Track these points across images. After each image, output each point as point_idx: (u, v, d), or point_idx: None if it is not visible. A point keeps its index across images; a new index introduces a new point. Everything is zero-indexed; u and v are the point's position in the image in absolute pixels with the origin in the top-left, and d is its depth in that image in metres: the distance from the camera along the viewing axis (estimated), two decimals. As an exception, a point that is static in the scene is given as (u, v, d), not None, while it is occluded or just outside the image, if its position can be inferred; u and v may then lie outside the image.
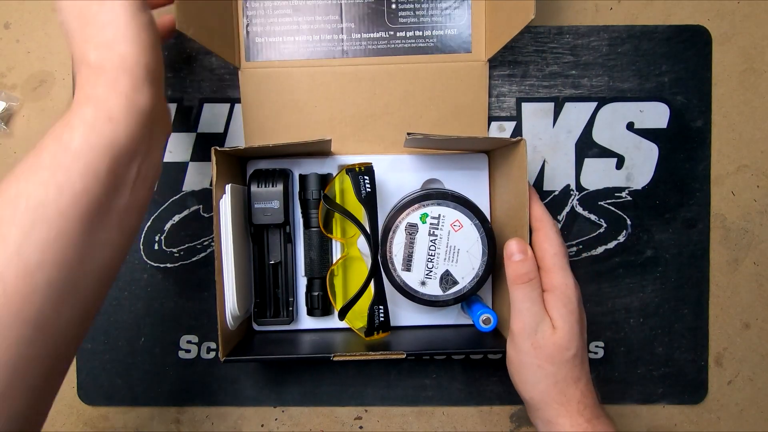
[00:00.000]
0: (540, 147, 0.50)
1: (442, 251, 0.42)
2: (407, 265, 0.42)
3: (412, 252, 0.42)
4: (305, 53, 0.49)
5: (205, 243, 0.50)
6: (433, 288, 0.43)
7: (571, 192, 0.50)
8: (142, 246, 0.50)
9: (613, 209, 0.50)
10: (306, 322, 0.48)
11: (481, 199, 0.48)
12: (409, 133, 0.39)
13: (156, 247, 0.50)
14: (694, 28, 0.50)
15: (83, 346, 0.50)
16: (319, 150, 0.46)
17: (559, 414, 0.39)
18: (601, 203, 0.50)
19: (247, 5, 0.49)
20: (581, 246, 0.50)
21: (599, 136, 0.50)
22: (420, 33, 0.49)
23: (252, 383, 0.50)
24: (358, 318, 0.45)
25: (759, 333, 0.50)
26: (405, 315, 0.48)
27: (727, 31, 0.50)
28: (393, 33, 0.49)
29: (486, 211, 0.47)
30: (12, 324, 0.27)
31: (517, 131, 0.50)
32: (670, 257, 0.50)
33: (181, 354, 0.50)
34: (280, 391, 0.50)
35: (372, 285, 0.43)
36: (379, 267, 0.43)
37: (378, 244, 0.43)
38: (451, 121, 0.49)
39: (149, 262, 0.50)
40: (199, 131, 0.50)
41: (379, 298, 0.44)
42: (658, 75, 0.50)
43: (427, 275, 0.42)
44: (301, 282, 0.48)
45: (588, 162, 0.50)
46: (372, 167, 0.43)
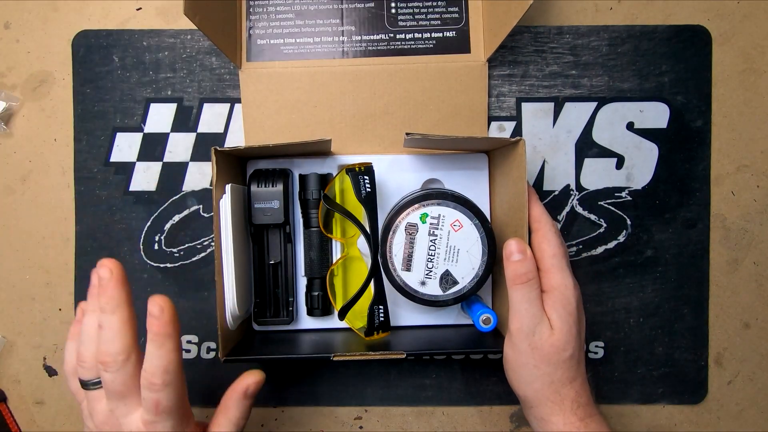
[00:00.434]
0: (540, 147, 0.50)
1: (442, 251, 0.42)
2: (407, 265, 0.42)
3: (412, 252, 0.42)
4: (306, 54, 0.49)
5: (205, 243, 0.50)
6: (433, 288, 0.43)
7: (571, 192, 0.50)
8: (142, 246, 0.50)
9: (613, 209, 0.50)
10: (306, 322, 0.48)
11: (481, 199, 0.48)
12: (408, 133, 0.39)
13: (156, 247, 0.50)
14: (694, 28, 0.50)
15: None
16: (319, 150, 0.46)
17: (553, 412, 0.39)
18: (601, 203, 0.50)
19: (251, 8, 0.49)
20: (581, 246, 0.50)
21: (599, 136, 0.50)
22: (419, 35, 0.49)
23: (252, 383, 0.50)
24: (358, 318, 0.45)
25: (759, 333, 0.50)
26: (405, 315, 0.48)
27: (727, 31, 0.50)
28: (393, 35, 0.49)
29: (486, 211, 0.47)
30: None
31: (517, 131, 0.50)
32: (670, 257, 0.50)
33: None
34: (280, 391, 0.50)
35: (372, 285, 0.43)
36: (379, 267, 0.43)
37: (378, 244, 0.43)
38: (451, 121, 0.49)
39: (149, 262, 0.50)
40: (199, 131, 0.50)
41: (379, 298, 0.44)
42: (658, 75, 0.50)
43: (427, 275, 0.42)
44: (301, 282, 0.48)
45: (588, 162, 0.50)
46: (372, 167, 0.43)
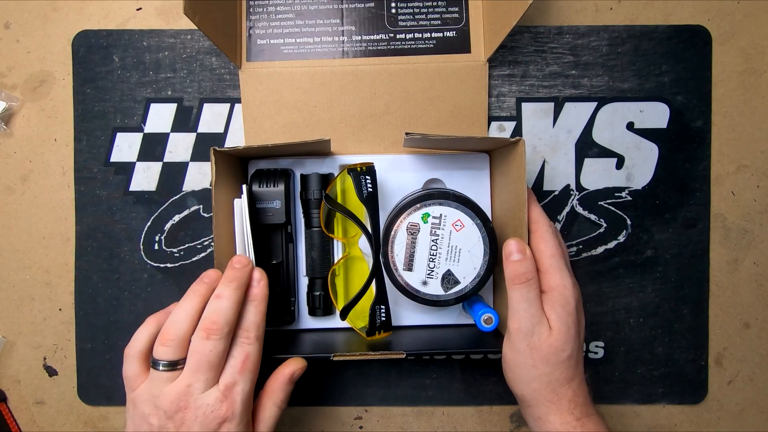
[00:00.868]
0: (540, 147, 0.50)
1: (443, 251, 0.42)
2: (409, 265, 0.42)
3: (413, 252, 0.42)
4: (306, 54, 0.49)
5: (205, 243, 0.50)
6: (435, 288, 0.43)
7: (571, 192, 0.50)
8: (142, 246, 0.50)
9: (613, 209, 0.50)
10: (308, 321, 0.48)
11: (483, 199, 0.48)
12: (408, 133, 0.39)
13: (156, 247, 0.50)
14: (694, 28, 0.50)
15: (83, 346, 0.50)
16: (319, 150, 0.46)
17: (550, 411, 0.39)
18: (601, 203, 0.50)
19: (251, 8, 0.49)
20: (581, 246, 0.50)
21: (599, 136, 0.50)
22: (420, 35, 0.49)
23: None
24: (359, 318, 0.45)
25: (759, 333, 0.51)
26: (406, 315, 0.48)
27: (727, 31, 0.50)
28: (393, 35, 0.49)
29: (487, 211, 0.47)
30: None
31: (517, 131, 0.50)
32: (670, 257, 0.50)
33: (182, 354, 0.50)
34: (280, 392, 0.50)
35: (373, 285, 0.43)
36: (381, 267, 0.43)
37: (379, 243, 0.43)
38: (451, 121, 0.49)
39: (149, 262, 0.50)
40: (199, 131, 0.50)
41: (381, 297, 0.44)
42: (658, 75, 0.50)
43: (429, 275, 0.42)
44: (303, 282, 0.48)
45: (588, 162, 0.50)
46: (373, 167, 0.43)
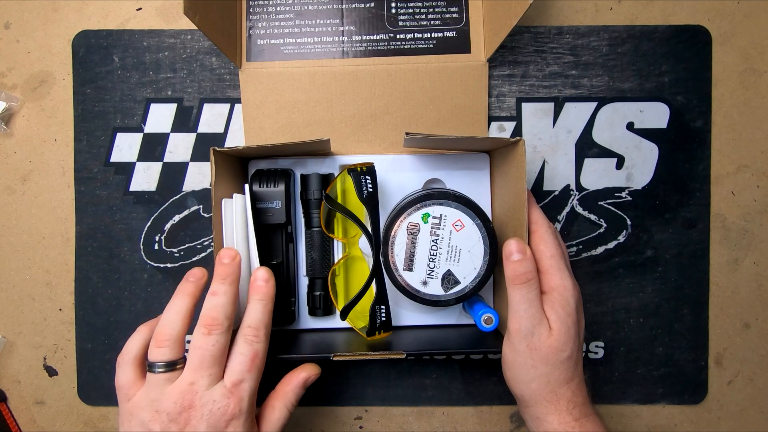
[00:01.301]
0: (540, 147, 0.50)
1: (443, 251, 0.42)
2: (409, 265, 0.42)
3: (413, 252, 0.42)
4: (306, 54, 0.49)
5: (205, 243, 0.50)
6: (435, 288, 0.43)
7: (571, 192, 0.50)
8: (142, 246, 0.50)
9: (613, 209, 0.50)
10: (308, 321, 0.48)
11: (483, 199, 0.48)
12: (408, 133, 0.39)
13: (156, 247, 0.50)
14: (694, 28, 0.50)
15: (83, 346, 0.50)
16: (319, 150, 0.46)
17: (549, 411, 0.39)
18: (601, 203, 0.50)
19: (251, 8, 0.49)
20: (581, 246, 0.50)
21: (599, 136, 0.50)
22: (419, 35, 0.49)
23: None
24: (359, 318, 0.45)
25: (759, 333, 0.51)
26: (406, 315, 0.48)
27: (727, 31, 0.50)
28: (393, 35, 0.49)
29: (487, 211, 0.47)
30: None
31: (517, 131, 0.50)
32: (670, 257, 0.50)
33: (182, 354, 0.50)
34: (280, 392, 0.50)
35: (374, 285, 0.43)
36: (381, 267, 0.43)
37: (380, 244, 0.43)
38: (451, 121, 0.49)
39: (149, 262, 0.50)
40: (199, 131, 0.50)
41: (381, 298, 0.44)
42: (658, 75, 0.50)
43: (429, 275, 0.42)
44: (303, 282, 0.48)
45: (588, 162, 0.50)
46: (374, 167, 0.43)
